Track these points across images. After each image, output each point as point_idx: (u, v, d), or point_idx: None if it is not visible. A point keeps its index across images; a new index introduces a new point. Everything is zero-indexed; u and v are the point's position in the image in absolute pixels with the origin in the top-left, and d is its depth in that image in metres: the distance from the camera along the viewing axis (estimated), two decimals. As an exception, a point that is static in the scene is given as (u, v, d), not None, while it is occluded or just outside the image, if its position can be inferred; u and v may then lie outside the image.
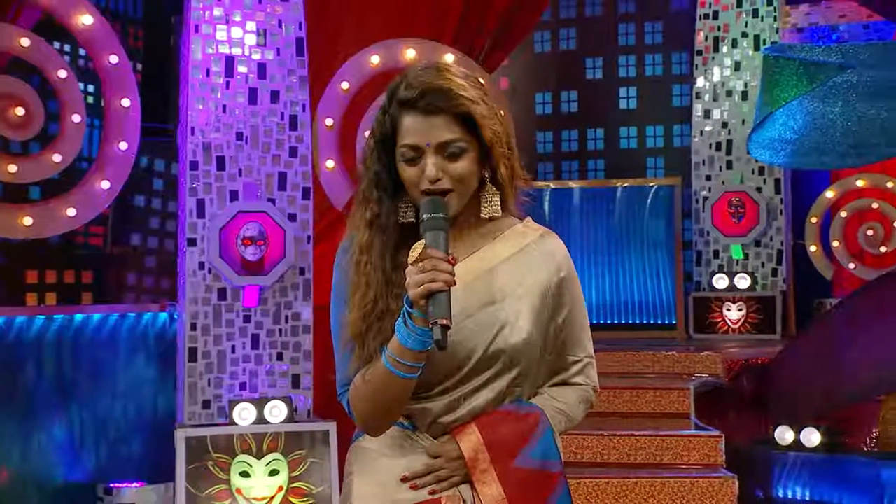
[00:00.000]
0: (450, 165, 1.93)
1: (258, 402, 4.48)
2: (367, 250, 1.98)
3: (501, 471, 1.97)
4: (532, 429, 2.01)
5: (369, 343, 1.94)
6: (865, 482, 4.69)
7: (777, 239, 7.37)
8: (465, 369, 1.97)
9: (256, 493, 4.34)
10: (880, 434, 5.06)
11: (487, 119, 1.95)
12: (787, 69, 4.24)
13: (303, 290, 4.72)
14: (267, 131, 4.71)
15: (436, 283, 1.79)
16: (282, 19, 4.78)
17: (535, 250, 2.06)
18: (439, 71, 1.97)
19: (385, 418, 1.99)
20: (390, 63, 5.22)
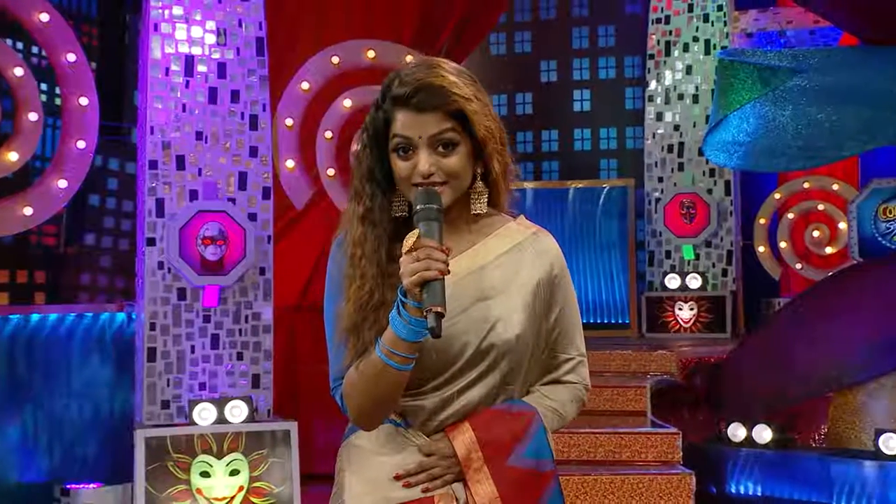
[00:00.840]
0: (442, 160, 1.92)
1: (218, 402, 4.43)
2: (361, 244, 1.96)
3: (495, 469, 1.96)
4: (525, 428, 2.00)
5: (364, 335, 1.93)
6: (816, 477, 4.75)
7: (727, 240, 7.45)
8: (458, 365, 1.96)
9: (217, 492, 4.29)
10: (829, 430, 5.14)
11: (480, 116, 1.94)
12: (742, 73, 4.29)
13: (263, 289, 4.68)
14: (227, 131, 4.66)
15: (430, 271, 1.78)
16: (242, 19, 4.73)
17: (529, 248, 2.05)
18: (432, 68, 1.95)
19: (379, 412, 1.97)
20: (350, 63, 5.20)
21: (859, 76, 5.19)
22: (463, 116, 1.93)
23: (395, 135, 1.94)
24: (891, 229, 7.14)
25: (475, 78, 1.99)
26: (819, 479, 4.73)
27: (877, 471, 4.56)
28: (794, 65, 4.60)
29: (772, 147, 5.11)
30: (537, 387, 2.09)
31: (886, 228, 7.12)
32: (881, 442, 4.60)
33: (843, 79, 5.15)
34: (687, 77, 7.61)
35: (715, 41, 7.61)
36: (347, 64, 5.18)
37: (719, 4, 7.70)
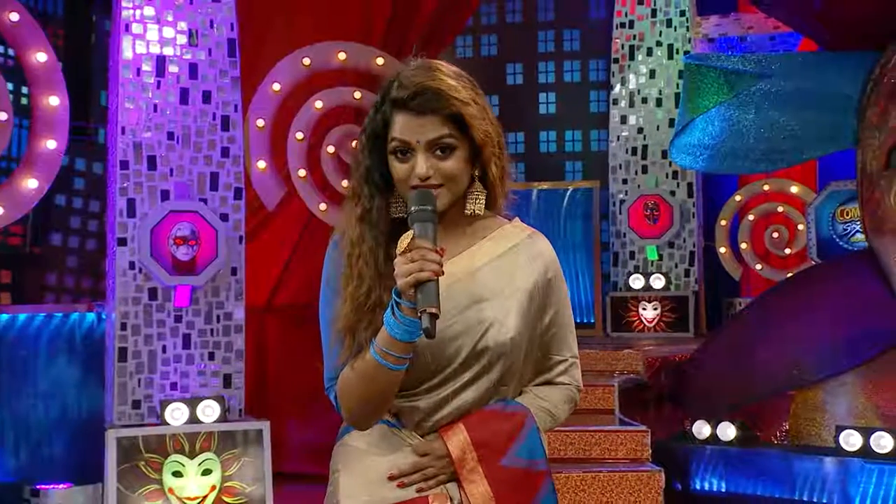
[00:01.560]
0: (440, 164, 1.92)
1: (190, 402, 4.40)
2: (359, 244, 1.96)
3: (489, 470, 1.97)
4: (518, 428, 2.01)
5: (360, 335, 1.92)
6: (778, 473, 4.81)
7: (689, 241, 7.52)
8: (452, 366, 1.96)
9: (189, 492, 4.27)
10: (791, 427, 5.20)
11: (478, 119, 1.94)
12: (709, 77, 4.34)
13: (234, 290, 4.65)
14: (199, 131, 4.64)
15: (424, 272, 1.78)
16: (213, 20, 4.71)
17: (524, 250, 2.05)
18: (432, 71, 1.96)
19: (373, 412, 1.97)
20: (321, 65, 5.19)
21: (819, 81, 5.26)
22: (461, 120, 1.92)
23: (393, 138, 1.93)
24: (848, 231, 7.25)
25: (474, 81, 2.00)
26: (782, 475, 4.79)
27: (837, 467, 4.63)
28: (758, 69, 4.66)
29: (736, 150, 5.17)
30: (530, 387, 2.09)
31: (844, 230, 7.23)
32: (842, 438, 4.66)
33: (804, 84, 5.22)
34: (651, 81, 7.68)
35: (678, 46, 7.69)
36: (318, 65, 5.16)
37: (682, 10, 7.77)
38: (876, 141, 5.02)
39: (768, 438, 5.30)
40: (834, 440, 4.70)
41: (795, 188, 7.88)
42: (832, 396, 5.03)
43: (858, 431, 4.63)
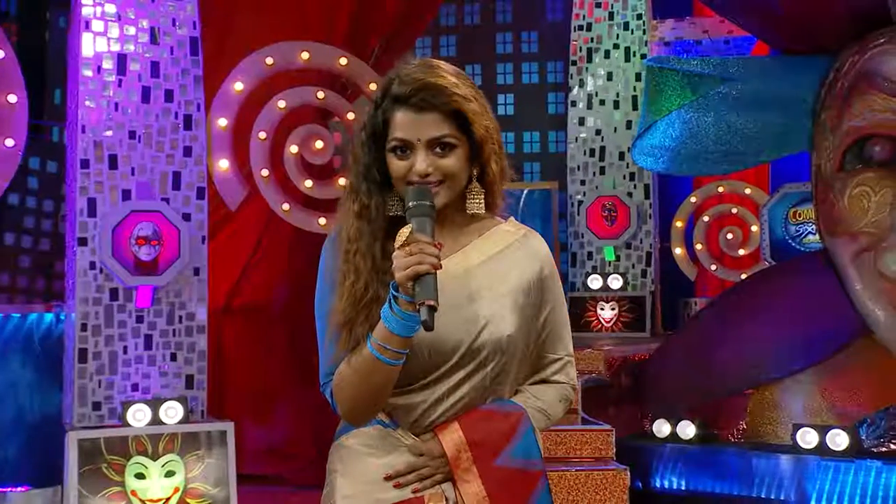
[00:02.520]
0: (439, 161, 1.92)
1: (153, 403, 4.35)
2: (357, 240, 1.97)
3: (483, 469, 1.97)
4: (514, 428, 2.01)
5: (356, 330, 1.92)
6: (737, 471, 4.87)
7: (646, 241, 7.58)
8: (448, 364, 1.96)
9: (152, 494, 4.21)
10: (748, 425, 5.27)
11: (479, 116, 1.95)
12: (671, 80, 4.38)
13: (197, 290, 4.61)
14: (161, 130, 4.58)
15: (422, 265, 1.79)
16: (175, 18, 4.65)
17: (519, 249, 2.06)
18: (432, 68, 1.96)
19: (369, 408, 1.97)
20: (284, 65, 5.16)
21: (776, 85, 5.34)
22: (461, 117, 1.93)
23: (393, 136, 1.93)
24: (801, 232, 7.37)
25: (472, 81, 2.01)
26: (740, 472, 4.85)
27: (794, 464, 4.70)
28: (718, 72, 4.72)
29: (695, 152, 5.23)
30: (525, 386, 2.10)
31: (796, 231, 7.34)
32: (798, 436, 4.73)
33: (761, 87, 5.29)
34: (608, 83, 7.73)
35: (635, 49, 7.75)
36: (281, 65, 5.13)
37: (639, 13, 7.84)
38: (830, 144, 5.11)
39: (726, 437, 5.36)
40: (791, 438, 4.78)
41: (749, 190, 7.98)
42: (788, 395, 5.11)
43: (814, 429, 4.70)
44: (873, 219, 4.84)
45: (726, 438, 5.32)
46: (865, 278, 4.95)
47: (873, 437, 4.81)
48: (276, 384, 6.22)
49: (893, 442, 4.81)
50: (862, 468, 4.52)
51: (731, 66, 5.12)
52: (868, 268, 4.90)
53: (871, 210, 4.86)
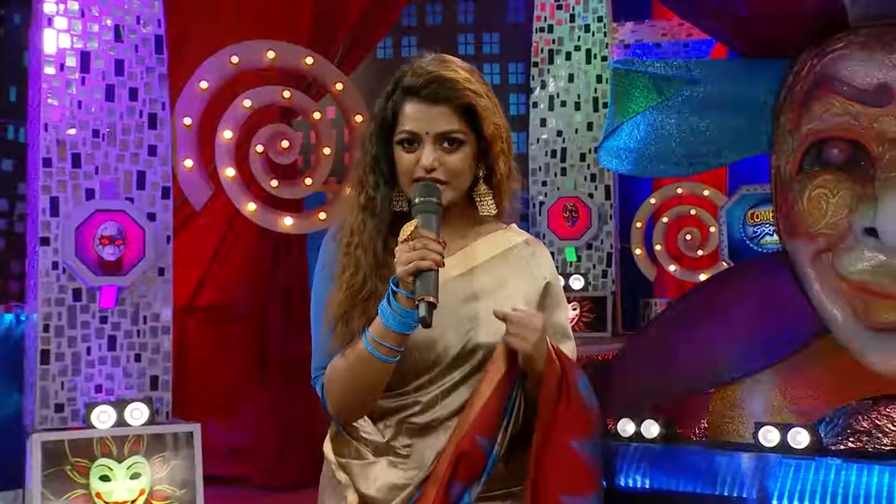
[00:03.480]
0: (446, 157, 1.90)
1: (118, 405, 4.30)
2: (360, 232, 1.94)
3: (566, 377, 1.93)
4: (577, 366, 2.01)
5: (352, 324, 1.89)
6: (700, 468, 4.90)
7: (607, 242, 7.64)
8: (441, 366, 1.93)
9: (117, 496, 4.17)
10: (710, 424, 5.31)
11: (490, 113, 1.93)
12: (639, 82, 4.41)
13: (162, 290, 4.57)
14: (125, 129, 4.54)
15: (425, 261, 1.76)
16: (140, 16, 4.61)
17: (520, 255, 2.05)
18: (445, 62, 1.95)
19: (359, 405, 1.94)
20: (250, 64, 5.13)
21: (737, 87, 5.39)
22: (471, 113, 1.91)
23: (401, 128, 1.91)
24: (758, 233, 7.47)
25: (484, 79, 2.00)
26: (703, 470, 4.88)
27: (756, 462, 4.75)
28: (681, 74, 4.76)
29: (659, 153, 5.26)
30: None
31: (754, 232, 7.44)
32: (760, 434, 4.78)
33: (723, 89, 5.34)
34: (570, 84, 7.77)
35: (595, 51, 7.80)
36: (247, 64, 5.10)
37: (599, 16, 7.89)
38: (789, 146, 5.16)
39: (688, 435, 5.41)
40: (752, 436, 4.82)
41: (707, 192, 8.08)
42: (749, 394, 5.16)
43: (776, 427, 4.75)
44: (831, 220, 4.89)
45: (689, 437, 5.36)
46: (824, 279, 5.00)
47: (832, 436, 4.88)
48: (238, 385, 6.20)
49: (851, 440, 4.88)
50: (822, 466, 4.57)
51: (693, 69, 5.16)
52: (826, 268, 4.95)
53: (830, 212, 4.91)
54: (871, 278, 4.61)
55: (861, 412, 4.78)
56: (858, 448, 4.71)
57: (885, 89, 4.62)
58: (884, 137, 4.57)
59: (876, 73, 4.66)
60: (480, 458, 1.88)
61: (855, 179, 4.68)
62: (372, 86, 8.96)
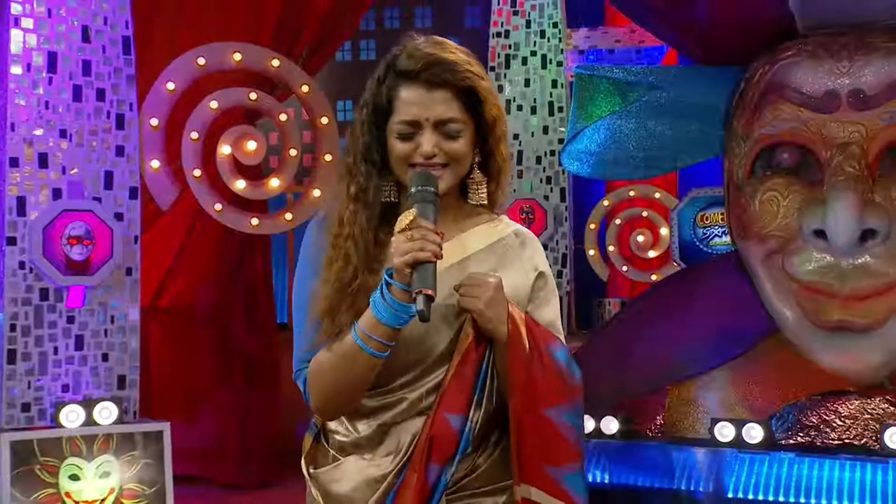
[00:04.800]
0: (446, 143, 1.81)
1: (87, 404, 4.26)
2: (350, 223, 1.84)
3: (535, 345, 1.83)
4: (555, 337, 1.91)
5: (340, 318, 1.79)
6: (658, 464, 4.98)
7: (562, 243, 7.70)
8: (430, 360, 1.83)
9: (87, 495, 4.13)
10: (666, 420, 5.39)
11: (491, 95, 1.84)
12: (602, 86, 4.47)
13: (129, 290, 4.53)
14: (93, 129, 4.50)
15: (424, 252, 1.68)
16: (107, 17, 4.57)
17: (510, 245, 1.95)
18: (440, 44, 1.86)
19: (343, 402, 1.83)
20: (216, 65, 5.10)
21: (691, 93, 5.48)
22: (473, 95, 1.81)
23: (399, 116, 1.80)
24: (708, 235, 7.59)
25: (479, 61, 1.89)
26: (661, 466, 4.96)
27: (712, 456, 4.83)
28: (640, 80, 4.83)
29: (618, 157, 5.34)
30: None
31: (704, 234, 7.56)
32: (716, 430, 4.86)
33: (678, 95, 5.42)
34: (526, 89, 7.82)
35: (551, 56, 7.86)
36: (213, 65, 5.07)
37: (554, 22, 7.96)
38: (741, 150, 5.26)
39: (646, 432, 5.48)
40: (708, 432, 4.91)
41: (658, 194, 8.19)
42: (704, 391, 5.25)
43: (731, 423, 4.84)
44: (782, 222, 4.97)
45: (646, 433, 5.43)
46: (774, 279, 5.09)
47: (782, 431, 4.98)
48: (201, 384, 6.16)
49: (800, 434, 4.98)
50: (775, 460, 4.67)
51: (650, 75, 5.24)
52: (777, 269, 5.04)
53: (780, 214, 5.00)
54: (819, 279, 4.72)
55: (810, 408, 4.88)
56: (807, 442, 4.81)
57: (832, 96, 4.73)
58: (832, 142, 4.68)
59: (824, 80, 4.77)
60: (453, 438, 1.80)
61: (804, 183, 4.79)
62: (331, 88, 8.96)
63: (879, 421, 4.61)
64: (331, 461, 1.90)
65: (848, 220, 4.49)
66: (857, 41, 4.66)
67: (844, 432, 4.82)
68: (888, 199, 4.51)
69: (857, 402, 4.78)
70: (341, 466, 1.88)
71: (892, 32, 4.62)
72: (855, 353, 4.74)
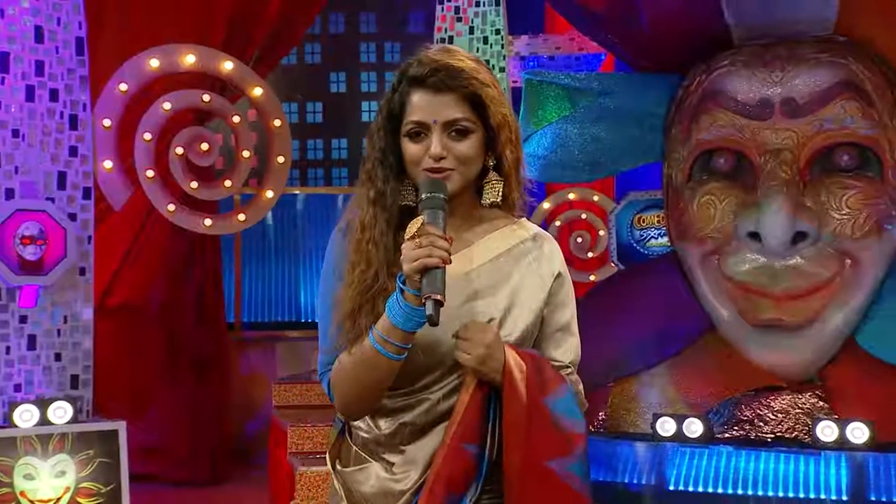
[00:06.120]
0: (455, 145, 1.83)
1: (41, 404, 4.20)
2: (371, 227, 1.86)
3: (532, 400, 1.81)
4: (561, 380, 1.89)
5: (360, 321, 1.81)
6: (603, 458, 5.05)
7: (505, 245, 7.75)
8: (443, 367, 1.85)
9: (42, 494, 4.07)
10: (609, 416, 5.47)
11: (496, 103, 1.86)
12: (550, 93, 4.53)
13: (83, 290, 4.48)
14: (46, 129, 4.43)
15: (432, 258, 1.70)
16: (61, 18, 4.51)
17: (527, 251, 1.95)
18: (451, 52, 1.89)
19: (364, 402, 1.86)
20: (170, 67, 5.05)
21: (633, 100, 5.58)
22: (478, 103, 1.85)
23: (408, 118, 1.84)
24: (644, 237, 7.71)
25: (490, 69, 1.93)
26: (605, 460, 5.03)
27: (654, 450, 4.92)
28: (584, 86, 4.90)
29: (563, 161, 5.41)
30: None
31: (641, 236, 7.69)
32: (658, 425, 4.95)
33: (620, 102, 5.52)
34: (469, 94, 7.86)
35: (494, 62, 7.90)
36: (166, 67, 5.02)
37: (497, 29, 8.00)
38: (680, 155, 5.36)
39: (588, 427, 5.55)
40: (650, 427, 5.00)
41: (597, 197, 8.29)
42: (645, 387, 5.34)
43: (673, 418, 4.94)
44: (718, 225, 5.07)
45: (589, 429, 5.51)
46: (711, 279, 5.19)
47: (719, 425, 5.09)
48: (151, 383, 6.10)
49: (735, 429, 5.10)
50: (714, 453, 4.78)
51: (594, 81, 5.33)
52: (713, 270, 5.14)
53: (717, 217, 5.09)
54: (753, 279, 4.84)
55: (744, 403, 5.00)
56: (742, 436, 4.93)
57: (766, 104, 4.85)
58: (765, 148, 4.80)
59: (758, 89, 4.89)
60: (472, 465, 1.82)
61: (740, 187, 4.91)
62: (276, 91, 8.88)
63: (809, 415, 4.74)
64: (353, 460, 1.94)
65: (781, 223, 4.61)
66: (788, 52, 4.79)
67: (777, 426, 4.94)
68: (818, 203, 4.64)
69: (788, 397, 4.91)
70: (365, 471, 1.91)
71: (821, 45, 4.76)
72: (786, 350, 4.87)
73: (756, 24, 4.90)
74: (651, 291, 5.58)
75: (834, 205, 4.61)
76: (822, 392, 4.82)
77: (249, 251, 7.37)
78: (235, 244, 7.23)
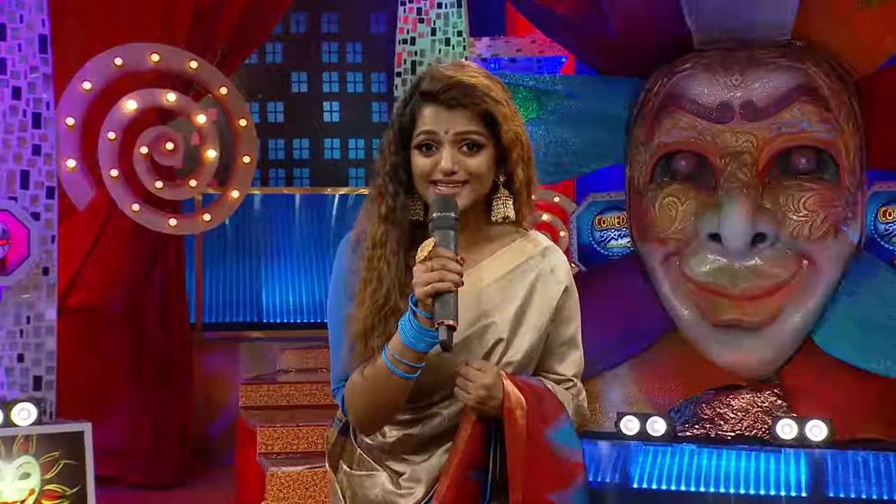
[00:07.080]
0: (466, 160, 1.82)
1: (5, 405, 4.15)
2: (382, 245, 1.84)
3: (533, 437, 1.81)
4: (560, 409, 1.90)
5: (373, 341, 1.81)
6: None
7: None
8: (451, 385, 1.84)
9: (6, 497, 4.02)
10: (573, 415, 5.52)
11: (508, 120, 1.85)
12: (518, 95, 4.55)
13: (46, 290, 4.43)
14: (8, 128, 4.38)
15: (443, 283, 1.69)
16: (24, 15, 4.45)
17: (537, 266, 1.94)
18: (464, 67, 1.87)
19: (378, 419, 1.86)
20: (134, 66, 5.00)
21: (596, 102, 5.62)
22: (490, 120, 1.83)
23: (419, 129, 1.82)
24: (604, 237, 7.77)
25: (503, 85, 1.90)
26: (571, 457, 5.08)
27: (618, 449, 4.97)
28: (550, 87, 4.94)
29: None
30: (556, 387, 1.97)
31: (601, 237, 7.74)
32: (622, 424, 5.00)
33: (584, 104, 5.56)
34: (432, 95, 7.88)
35: (456, 63, 7.95)
36: (131, 66, 4.97)
37: (459, 30, 8.01)
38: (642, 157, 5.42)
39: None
40: (614, 425, 5.05)
41: (558, 198, 8.35)
42: (609, 387, 5.40)
43: (636, 417, 4.99)
44: (680, 226, 5.12)
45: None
46: (672, 280, 5.24)
47: (681, 423, 5.16)
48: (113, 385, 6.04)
49: (696, 427, 5.17)
50: (677, 451, 4.84)
51: (558, 84, 5.37)
52: (675, 270, 5.19)
53: (678, 218, 5.14)
54: (713, 279, 4.91)
55: (705, 402, 5.07)
56: (703, 434, 5.00)
57: (726, 107, 4.92)
58: (725, 151, 4.87)
59: (718, 92, 4.96)
60: (477, 489, 1.83)
61: (701, 189, 4.97)
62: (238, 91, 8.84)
63: (768, 413, 4.82)
64: (357, 462, 1.95)
65: (740, 224, 4.68)
66: (748, 56, 4.87)
67: (737, 424, 5.02)
68: (777, 205, 4.72)
69: (748, 395, 4.98)
70: (373, 478, 1.92)
71: (780, 49, 4.84)
72: (746, 350, 4.94)
73: (716, 29, 4.97)
74: (613, 292, 5.62)
75: (792, 207, 4.69)
76: (781, 391, 4.90)
77: (211, 252, 7.33)
78: (196, 245, 7.18)
